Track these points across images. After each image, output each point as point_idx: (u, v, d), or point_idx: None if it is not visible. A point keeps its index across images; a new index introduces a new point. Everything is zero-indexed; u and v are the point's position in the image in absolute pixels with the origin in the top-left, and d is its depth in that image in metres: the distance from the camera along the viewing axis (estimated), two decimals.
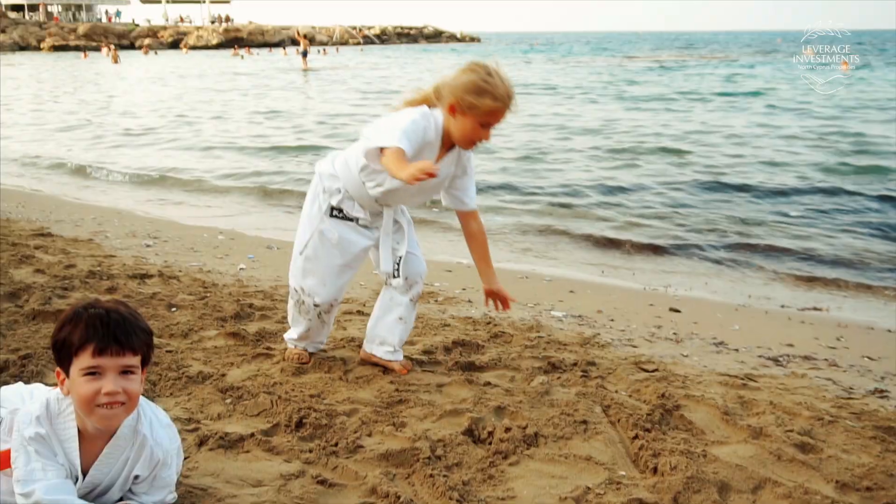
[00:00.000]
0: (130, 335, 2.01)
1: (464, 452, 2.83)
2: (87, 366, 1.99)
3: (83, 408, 2.01)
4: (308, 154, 13.35)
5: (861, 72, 36.49)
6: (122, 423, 2.10)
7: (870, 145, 13.88)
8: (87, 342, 1.98)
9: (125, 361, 2.01)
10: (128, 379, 2.03)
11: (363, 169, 3.34)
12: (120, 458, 2.13)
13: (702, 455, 2.80)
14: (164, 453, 2.17)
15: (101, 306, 2.04)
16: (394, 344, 3.62)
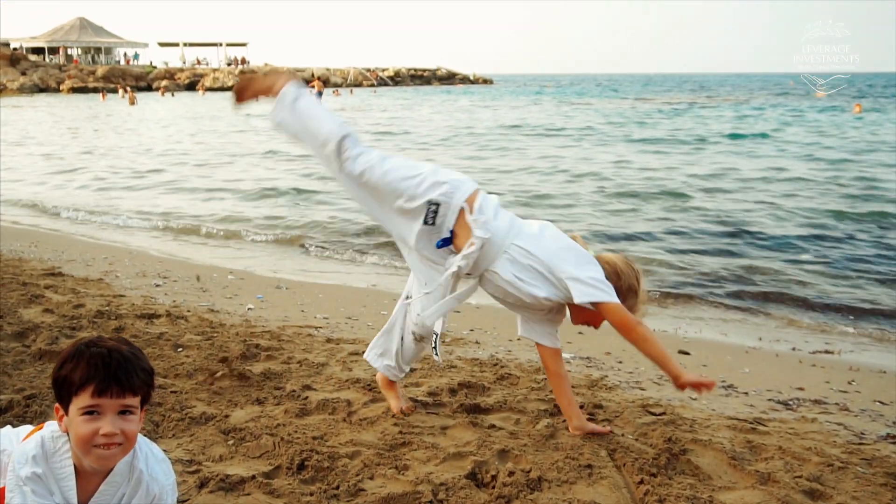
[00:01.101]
0: (131, 376, 2.00)
1: (466, 496, 2.79)
2: (87, 405, 1.98)
3: (80, 447, 2.00)
4: (297, 196, 13.34)
5: (872, 114, 36.61)
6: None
7: (878, 189, 13.81)
8: (88, 382, 1.97)
9: (125, 402, 2.00)
10: (126, 419, 2.01)
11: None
12: (116, 494, 2.11)
13: (708, 501, 2.76)
14: (161, 488, 2.16)
15: (103, 345, 2.03)
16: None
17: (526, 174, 16.30)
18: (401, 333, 3.56)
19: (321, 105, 3.41)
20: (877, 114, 37.85)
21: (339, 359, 4.49)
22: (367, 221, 10.83)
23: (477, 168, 17.33)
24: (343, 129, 3.27)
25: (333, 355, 4.57)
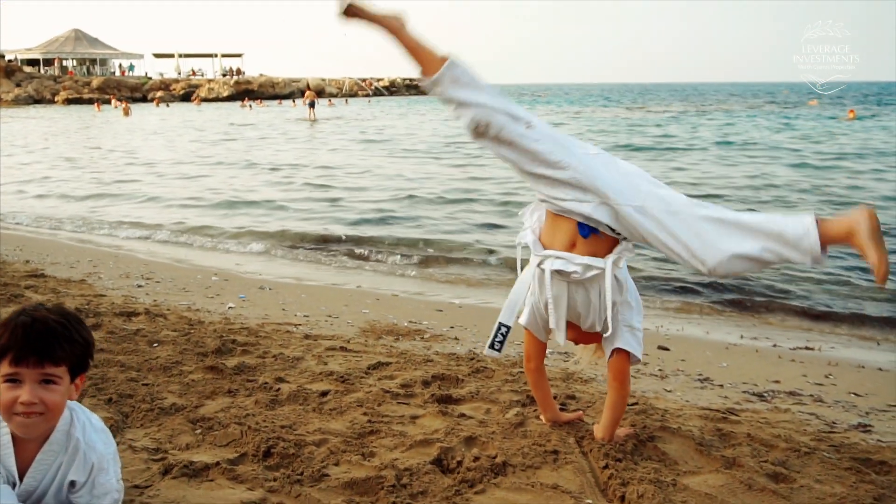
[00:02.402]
0: (53, 346, 1.99)
1: (430, 481, 2.79)
2: (7, 373, 1.98)
3: (3, 414, 2.00)
4: (263, 207, 13.03)
5: (866, 121, 36.72)
6: (56, 429, 2.09)
7: (859, 194, 13.82)
8: (8, 350, 1.97)
9: (45, 371, 1.99)
10: (49, 389, 2.01)
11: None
12: (54, 463, 2.10)
13: (671, 484, 2.76)
14: (99, 457, 2.15)
15: (32, 314, 2.01)
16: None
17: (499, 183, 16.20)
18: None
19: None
20: (872, 120, 37.95)
21: (315, 353, 4.48)
22: (348, 229, 10.85)
23: (459, 176, 17.37)
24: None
25: (310, 350, 4.56)
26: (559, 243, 2.92)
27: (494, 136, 2.81)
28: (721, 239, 2.66)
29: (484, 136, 2.82)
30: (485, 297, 7.19)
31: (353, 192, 14.60)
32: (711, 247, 2.66)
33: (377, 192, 14.45)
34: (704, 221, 2.70)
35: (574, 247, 2.89)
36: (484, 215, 11.85)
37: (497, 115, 2.79)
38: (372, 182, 16.08)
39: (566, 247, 2.91)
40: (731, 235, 2.65)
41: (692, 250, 2.69)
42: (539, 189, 2.89)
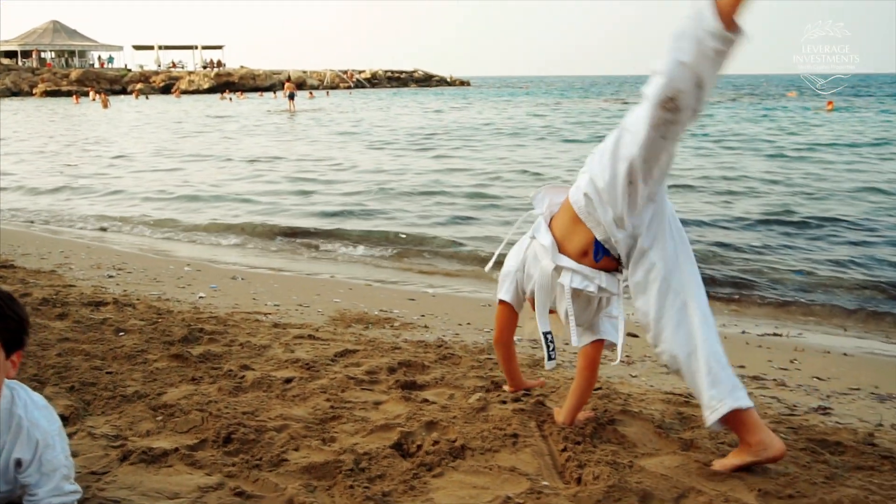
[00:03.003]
0: None
1: (389, 465, 2.79)
2: None
3: None
4: (238, 200, 12.88)
5: (844, 113, 36.97)
6: None
7: (827, 183, 13.93)
8: None
9: None
10: None
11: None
12: None
13: (628, 466, 2.78)
14: (44, 434, 2.14)
15: None
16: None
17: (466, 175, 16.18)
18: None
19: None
20: (846, 112, 38.20)
21: (283, 342, 4.48)
22: (323, 221, 10.82)
23: (435, 167, 17.35)
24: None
25: (278, 338, 4.55)
26: (573, 248, 2.87)
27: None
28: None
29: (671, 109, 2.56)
30: (458, 286, 7.21)
31: (330, 184, 14.55)
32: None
33: (354, 185, 14.42)
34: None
35: (586, 256, 2.86)
36: (457, 208, 11.85)
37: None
38: (349, 175, 16.03)
39: (579, 254, 2.86)
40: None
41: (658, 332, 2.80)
42: (619, 202, 2.70)
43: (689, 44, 2.42)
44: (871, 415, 3.78)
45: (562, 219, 2.91)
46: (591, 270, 2.85)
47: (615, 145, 2.72)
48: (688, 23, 2.42)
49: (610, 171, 2.69)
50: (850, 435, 3.24)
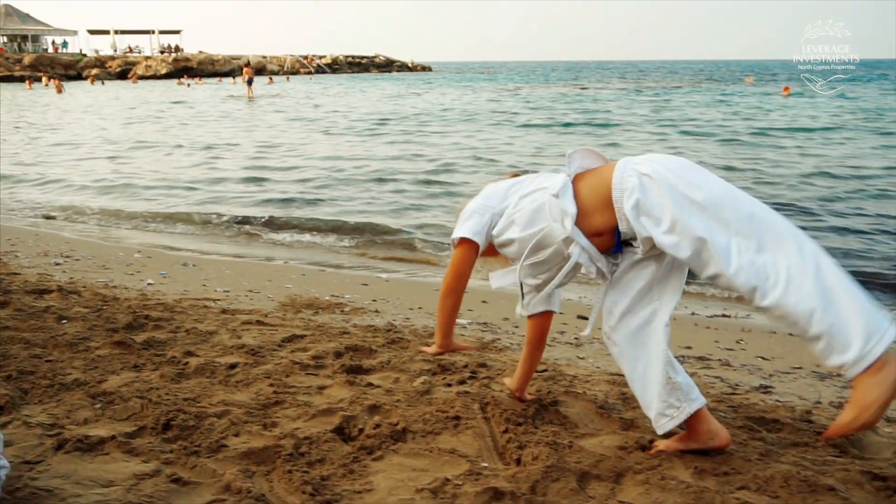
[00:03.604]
0: None
1: (329, 449, 2.78)
2: None
3: None
4: (192, 187, 12.66)
5: (800, 98, 37.45)
6: None
7: (779, 168, 14.09)
8: None
9: None
10: None
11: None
12: None
13: (568, 446, 2.79)
14: None
15: None
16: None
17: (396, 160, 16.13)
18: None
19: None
20: (801, 97, 38.69)
21: (230, 328, 4.43)
22: (277, 208, 10.74)
23: (394, 153, 17.28)
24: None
25: (225, 324, 4.51)
26: (589, 226, 2.62)
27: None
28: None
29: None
30: (412, 271, 7.20)
31: (285, 171, 14.39)
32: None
33: (309, 171, 14.28)
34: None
35: (599, 237, 2.63)
36: (411, 195, 11.80)
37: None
38: (304, 161, 15.86)
39: (592, 233, 2.63)
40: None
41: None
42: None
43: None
44: (810, 392, 3.84)
45: (590, 191, 2.62)
46: (597, 252, 2.65)
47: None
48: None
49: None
50: (788, 412, 3.30)
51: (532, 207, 2.72)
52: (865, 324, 2.24)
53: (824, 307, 2.25)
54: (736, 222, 2.37)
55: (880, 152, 16.26)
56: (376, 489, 2.53)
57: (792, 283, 2.27)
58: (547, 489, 2.51)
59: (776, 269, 2.30)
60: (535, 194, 2.75)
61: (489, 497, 2.43)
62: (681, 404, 2.70)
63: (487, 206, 2.82)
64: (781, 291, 2.28)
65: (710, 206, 2.39)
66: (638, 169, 2.50)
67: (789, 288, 2.27)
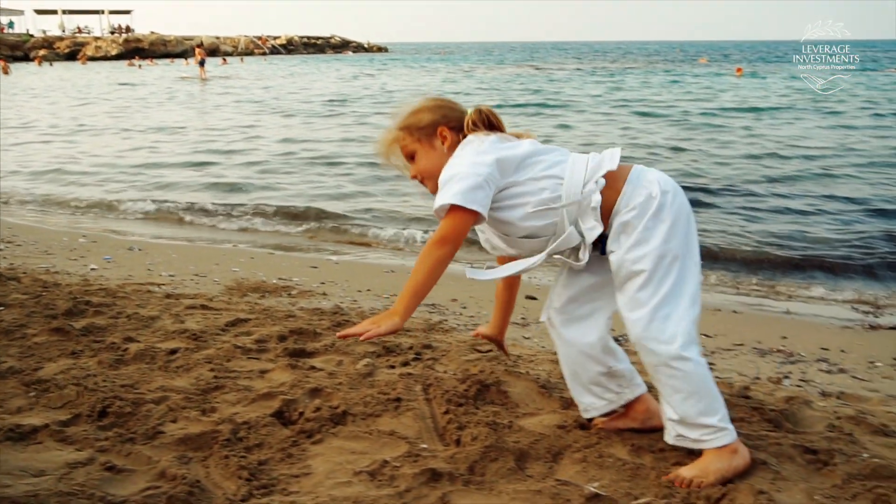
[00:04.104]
0: None
1: (268, 433, 2.76)
2: None
3: None
4: (140, 170, 12.46)
5: (752, 79, 37.90)
6: None
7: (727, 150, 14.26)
8: None
9: None
10: None
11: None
12: None
13: (507, 426, 2.80)
14: None
15: None
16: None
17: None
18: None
19: None
20: (757, 78, 39.17)
21: (173, 312, 4.37)
22: (225, 192, 10.62)
23: (347, 136, 17.15)
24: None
25: (168, 309, 4.44)
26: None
27: None
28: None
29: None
30: (362, 254, 7.17)
31: (235, 154, 14.17)
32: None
33: (257, 154, 14.10)
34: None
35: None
36: (359, 178, 11.71)
37: None
38: (253, 144, 15.64)
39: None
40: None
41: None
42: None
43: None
44: (750, 368, 3.91)
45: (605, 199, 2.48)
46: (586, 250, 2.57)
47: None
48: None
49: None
50: (727, 388, 3.34)
51: (546, 198, 2.48)
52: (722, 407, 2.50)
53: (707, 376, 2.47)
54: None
55: (826, 132, 16.54)
56: (314, 473, 2.51)
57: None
58: (485, 469, 2.52)
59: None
60: (549, 181, 2.49)
61: (427, 478, 2.43)
62: (621, 390, 2.77)
63: (494, 178, 2.43)
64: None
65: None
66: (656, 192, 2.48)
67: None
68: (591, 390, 2.75)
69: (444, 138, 2.62)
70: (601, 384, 2.72)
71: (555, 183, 2.48)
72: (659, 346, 2.40)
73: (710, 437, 2.47)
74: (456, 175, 2.42)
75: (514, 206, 2.50)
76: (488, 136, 2.56)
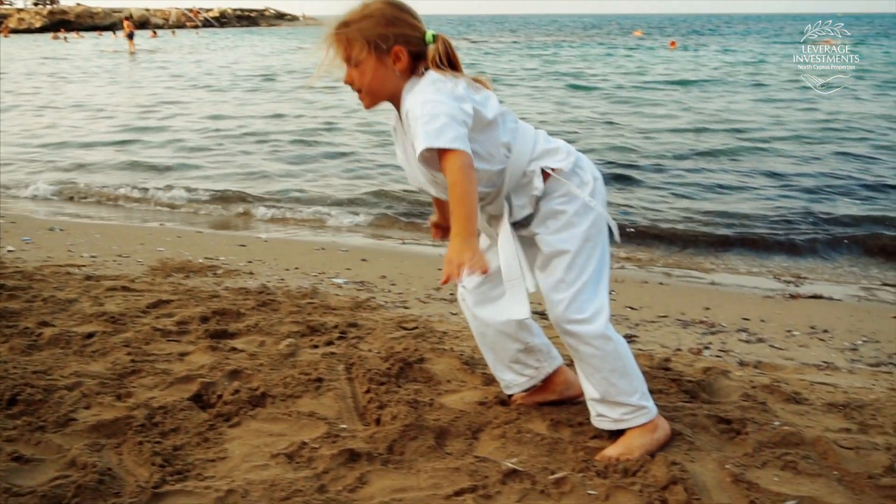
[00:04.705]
0: None
1: (185, 418, 2.70)
2: None
3: None
4: (63, 149, 12.09)
5: (686, 52, 38.38)
6: None
7: (657, 122, 14.39)
8: None
9: None
10: None
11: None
12: None
13: (428, 404, 2.80)
14: None
15: None
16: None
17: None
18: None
19: None
20: (690, 51, 39.67)
21: (92, 295, 4.25)
22: (150, 172, 10.38)
23: (279, 111, 16.90)
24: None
25: (87, 292, 4.32)
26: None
27: None
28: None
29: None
30: (294, 231, 7.09)
31: (160, 132, 13.80)
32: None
33: (189, 132, 13.77)
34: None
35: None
36: (288, 155, 11.56)
37: None
38: (184, 122, 15.24)
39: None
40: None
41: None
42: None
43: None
44: (672, 340, 3.98)
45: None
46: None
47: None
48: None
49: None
50: (647, 360, 3.40)
51: (494, 171, 2.44)
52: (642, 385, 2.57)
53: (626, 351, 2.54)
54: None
55: (754, 105, 16.85)
56: (230, 457, 2.48)
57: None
58: (404, 448, 2.51)
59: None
60: (501, 151, 2.44)
61: (345, 459, 2.41)
62: (540, 364, 2.78)
63: (467, 123, 2.28)
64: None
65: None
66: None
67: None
68: (511, 368, 2.76)
69: (397, 59, 2.36)
70: (520, 361, 2.73)
71: (504, 155, 2.44)
72: (581, 327, 2.42)
73: (630, 416, 2.51)
74: (441, 114, 2.21)
75: (481, 159, 2.37)
76: (458, 78, 2.37)
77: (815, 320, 4.53)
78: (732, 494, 2.28)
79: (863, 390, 3.30)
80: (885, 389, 3.33)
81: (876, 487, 2.32)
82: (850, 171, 9.70)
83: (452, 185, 2.21)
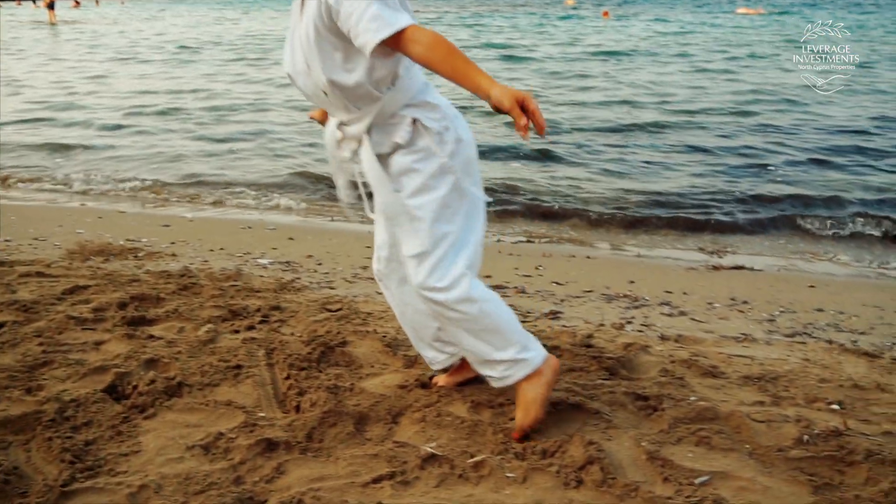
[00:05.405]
0: None
1: (98, 411, 2.63)
2: None
3: None
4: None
5: (619, 21, 38.56)
6: None
7: (585, 94, 14.48)
8: None
9: None
10: None
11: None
12: None
13: (349, 389, 2.78)
14: None
15: None
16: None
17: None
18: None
19: None
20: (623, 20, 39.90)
21: (4, 282, 4.10)
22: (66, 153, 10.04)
23: (204, 85, 16.51)
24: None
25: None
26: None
27: None
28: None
29: None
30: (222, 211, 6.96)
31: (79, 110, 13.29)
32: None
33: (107, 109, 13.28)
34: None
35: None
36: (216, 134, 11.22)
37: None
38: (103, 98, 14.72)
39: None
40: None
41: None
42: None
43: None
44: (595, 315, 4.02)
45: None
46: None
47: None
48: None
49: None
50: (570, 338, 3.42)
51: (374, 93, 2.35)
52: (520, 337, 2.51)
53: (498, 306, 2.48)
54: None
55: (682, 77, 17.02)
56: (144, 450, 2.42)
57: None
58: (323, 435, 2.49)
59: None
60: (389, 75, 2.37)
61: (262, 449, 2.38)
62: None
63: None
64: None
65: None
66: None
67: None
68: (433, 346, 2.74)
69: None
70: (440, 339, 2.71)
71: (387, 85, 2.36)
72: (441, 295, 2.37)
73: (510, 371, 2.48)
74: (373, 2, 2.12)
75: (353, 70, 2.29)
76: None
77: (735, 292, 4.63)
78: (647, 472, 2.32)
79: (778, 361, 3.38)
80: (798, 360, 3.42)
81: (785, 460, 2.39)
82: (774, 145, 9.87)
83: (440, 60, 2.14)
